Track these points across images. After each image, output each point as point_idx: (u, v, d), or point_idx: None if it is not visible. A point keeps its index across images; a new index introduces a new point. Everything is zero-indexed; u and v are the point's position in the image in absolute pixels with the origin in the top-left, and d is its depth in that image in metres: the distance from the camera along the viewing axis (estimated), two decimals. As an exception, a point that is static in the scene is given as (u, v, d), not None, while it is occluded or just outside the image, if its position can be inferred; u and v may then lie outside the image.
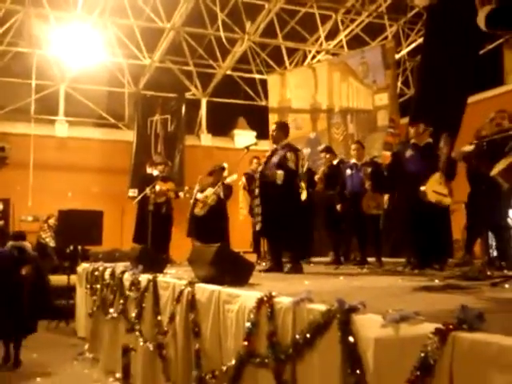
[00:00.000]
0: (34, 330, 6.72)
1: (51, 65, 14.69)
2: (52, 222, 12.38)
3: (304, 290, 2.85)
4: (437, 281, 4.30)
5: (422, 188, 5.87)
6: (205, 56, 15.69)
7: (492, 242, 7.31)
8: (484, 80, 12.00)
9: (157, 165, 9.67)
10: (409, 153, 6.42)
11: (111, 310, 6.07)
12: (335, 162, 8.48)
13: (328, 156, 8.53)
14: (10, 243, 7.05)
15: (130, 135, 15.57)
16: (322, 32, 15.16)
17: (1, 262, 6.63)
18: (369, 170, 7.48)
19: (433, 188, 5.88)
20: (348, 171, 7.81)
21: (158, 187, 8.93)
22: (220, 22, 13.31)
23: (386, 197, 7.44)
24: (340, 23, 15.19)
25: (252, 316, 3.08)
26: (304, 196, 7.91)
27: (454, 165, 6.37)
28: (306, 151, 12.03)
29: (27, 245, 7.22)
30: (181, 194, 9.38)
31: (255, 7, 14.21)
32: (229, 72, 16.04)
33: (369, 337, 2.24)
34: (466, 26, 8.74)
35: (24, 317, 6.49)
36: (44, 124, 15.00)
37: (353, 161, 7.91)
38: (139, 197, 9.03)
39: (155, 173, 9.44)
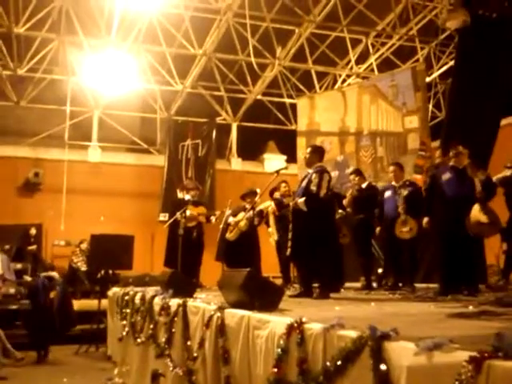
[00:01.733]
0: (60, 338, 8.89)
1: (85, 91, 14.98)
2: (84, 246, 12.50)
3: (335, 316, 2.80)
4: (471, 307, 4.20)
5: (469, 219, 5.80)
6: (236, 81, 15.84)
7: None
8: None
9: (189, 190, 9.68)
10: (447, 176, 6.35)
11: (141, 335, 6.06)
12: (364, 186, 8.40)
13: (357, 179, 8.45)
14: (43, 274, 9.51)
15: (162, 160, 15.74)
16: (353, 56, 15.17)
17: (36, 290, 8.89)
18: (405, 192, 7.37)
19: (475, 219, 5.79)
20: (387, 193, 7.72)
21: (188, 212, 8.95)
22: (251, 48, 13.42)
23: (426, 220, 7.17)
24: (370, 47, 15.20)
25: (282, 342, 3.02)
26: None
27: (492, 186, 6.29)
28: (334, 174, 11.98)
29: (55, 274, 9.62)
30: (212, 218, 9.33)
31: (286, 32, 14.33)
32: (259, 97, 16.16)
33: (401, 365, 2.18)
34: (498, 48, 8.66)
35: (54, 329, 8.61)
36: (77, 149, 15.25)
37: (393, 183, 7.80)
38: (170, 221, 9.06)
39: (187, 197, 9.45)
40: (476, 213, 5.82)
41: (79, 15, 13.29)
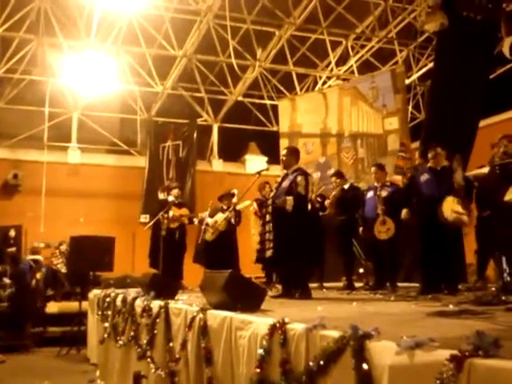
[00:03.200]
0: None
1: (64, 93, 14.86)
2: (64, 248, 12.36)
3: (317, 316, 2.82)
4: (451, 306, 4.24)
5: (441, 209, 5.85)
6: (216, 83, 15.85)
7: (506, 266, 7.21)
8: (496, 103, 11.97)
9: (171, 189, 9.59)
10: (425, 177, 6.41)
11: (123, 337, 6.03)
12: (346, 187, 8.43)
13: (338, 180, 8.48)
14: (29, 257, 10.58)
15: (142, 161, 15.68)
16: (333, 58, 15.25)
17: (24, 272, 9.98)
18: (384, 193, 7.42)
19: (450, 207, 5.85)
20: (369, 194, 7.75)
21: (171, 213, 8.91)
22: (231, 49, 13.43)
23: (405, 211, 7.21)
24: (350, 49, 15.30)
25: (264, 343, 3.03)
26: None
27: (471, 185, 6.37)
28: (316, 175, 12.04)
29: (40, 257, 10.74)
30: (195, 220, 9.30)
31: (266, 34, 14.36)
32: (240, 98, 16.17)
33: (383, 364, 2.20)
34: (476, 50, 8.76)
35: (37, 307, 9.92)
36: (57, 151, 15.12)
37: (375, 184, 7.83)
38: (151, 222, 9.01)
39: (170, 198, 9.36)
40: (451, 204, 5.88)
41: (58, 16, 13.19)
